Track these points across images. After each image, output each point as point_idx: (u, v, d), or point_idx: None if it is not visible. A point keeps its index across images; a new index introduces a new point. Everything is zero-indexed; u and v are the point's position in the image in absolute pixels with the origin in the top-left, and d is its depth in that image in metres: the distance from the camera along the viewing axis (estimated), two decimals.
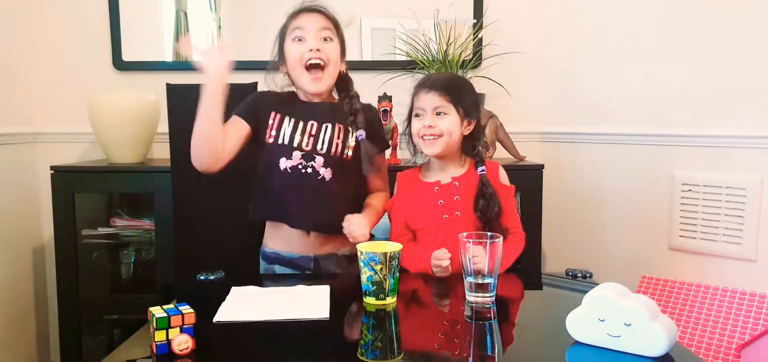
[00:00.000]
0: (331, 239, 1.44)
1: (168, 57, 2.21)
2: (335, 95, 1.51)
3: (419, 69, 2.06)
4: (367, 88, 2.08)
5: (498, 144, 2.04)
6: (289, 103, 1.45)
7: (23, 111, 2.15)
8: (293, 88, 1.49)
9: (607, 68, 2.10)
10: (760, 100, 1.75)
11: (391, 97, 1.88)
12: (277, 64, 1.47)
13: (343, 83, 1.50)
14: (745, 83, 1.78)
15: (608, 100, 2.10)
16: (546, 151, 2.26)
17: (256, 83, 1.71)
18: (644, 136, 2.01)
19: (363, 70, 2.18)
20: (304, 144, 1.40)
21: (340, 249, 1.46)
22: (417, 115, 1.40)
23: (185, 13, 2.20)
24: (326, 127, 1.42)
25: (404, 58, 2.12)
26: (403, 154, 1.97)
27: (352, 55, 2.22)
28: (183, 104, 1.68)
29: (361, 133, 1.41)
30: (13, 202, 2.07)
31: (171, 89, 1.68)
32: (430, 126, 1.37)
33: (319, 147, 1.40)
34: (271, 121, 1.41)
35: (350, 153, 1.42)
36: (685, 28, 1.90)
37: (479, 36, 2.16)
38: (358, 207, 1.44)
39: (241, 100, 1.45)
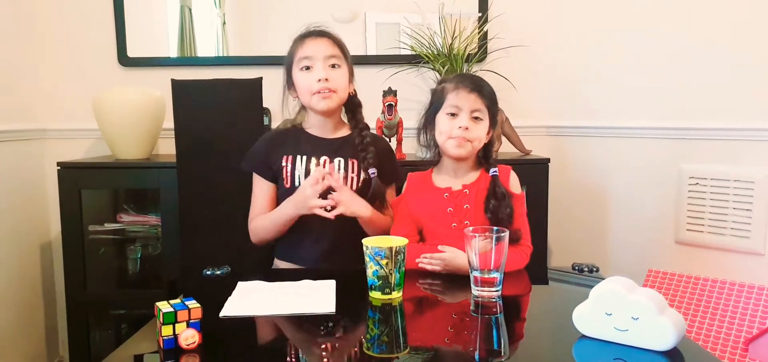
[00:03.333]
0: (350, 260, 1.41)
1: (173, 53, 2.21)
2: (344, 118, 1.50)
3: (424, 63, 2.05)
4: (372, 82, 2.08)
5: (504, 138, 2.04)
6: (298, 141, 1.44)
7: (29, 108, 2.16)
8: (300, 119, 1.50)
9: (613, 61, 2.08)
10: None
11: (396, 91, 1.87)
12: (287, 89, 1.47)
13: (351, 105, 1.49)
14: (753, 76, 1.76)
15: (614, 94, 2.09)
16: (552, 145, 2.25)
17: (260, 79, 1.71)
18: (651, 130, 2.00)
19: (367, 64, 2.18)
20: None
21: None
22: (452, 114, 1.32)
23: (190, 9, 2.20)
24: (339, 161, 1.42)
25: (409, 53, 2.11)
26: (408, 149, 1.97)
27: (356, 50, 2.23)
28: (188, 100, 1.69)
29: (374, 171, 1.40)
30: (20, 199, 2.08)
31: (176, 85, 1.68)
32: (467, 129, 1.30)
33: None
34: (284, 164, 1.41)
35: (360, 183, 1.42)
36: (693, 20, 1.88)
37: (484, 30, 2.15)
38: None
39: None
